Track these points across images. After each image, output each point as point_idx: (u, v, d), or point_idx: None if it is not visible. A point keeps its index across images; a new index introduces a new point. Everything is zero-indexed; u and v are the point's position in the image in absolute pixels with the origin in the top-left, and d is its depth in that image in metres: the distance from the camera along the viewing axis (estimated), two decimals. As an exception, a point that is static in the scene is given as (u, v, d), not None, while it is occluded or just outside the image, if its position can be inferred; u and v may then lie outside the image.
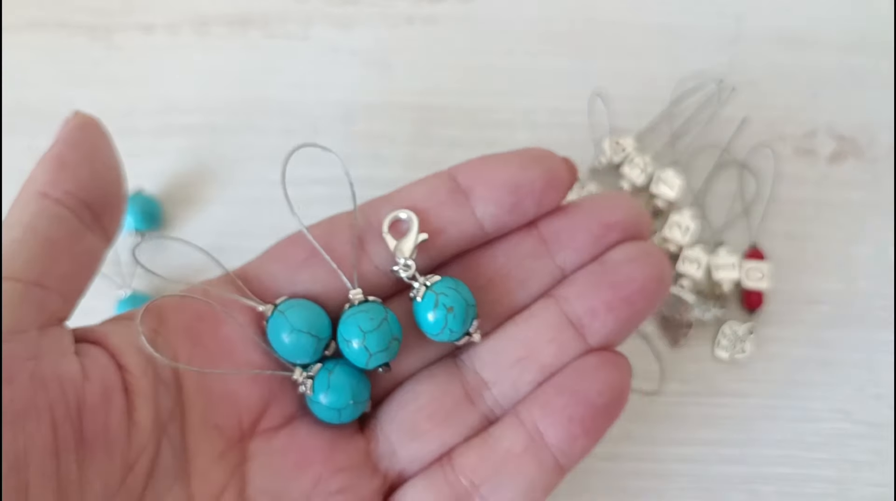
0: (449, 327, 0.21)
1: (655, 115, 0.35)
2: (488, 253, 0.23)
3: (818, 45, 0.36)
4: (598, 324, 0.21)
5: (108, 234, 0.20)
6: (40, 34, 0.36)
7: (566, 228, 0.22)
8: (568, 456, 0.21)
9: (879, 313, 0.32)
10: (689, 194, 0.34)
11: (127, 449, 0.18)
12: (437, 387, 0.22)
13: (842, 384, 0.31)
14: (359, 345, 0.21)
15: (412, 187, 0.23)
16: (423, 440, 0.22)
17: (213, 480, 0.20)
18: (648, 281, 0.21)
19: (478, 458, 0.21)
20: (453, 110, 0.35)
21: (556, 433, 0.21)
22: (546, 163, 0.22)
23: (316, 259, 0.22)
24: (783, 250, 0.33)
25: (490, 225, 0.22)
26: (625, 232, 0.22)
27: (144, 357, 0.19)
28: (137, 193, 0.33)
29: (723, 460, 0.30)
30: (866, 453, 0.30)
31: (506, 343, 0.22)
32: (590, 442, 0.21)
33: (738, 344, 0.31)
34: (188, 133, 0.34)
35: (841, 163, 0.34)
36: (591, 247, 0.22)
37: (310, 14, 0.37)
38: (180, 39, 0.36)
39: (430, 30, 0.36)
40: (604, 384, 0.21)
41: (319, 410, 0.22)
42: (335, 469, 0.21)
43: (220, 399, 0.21)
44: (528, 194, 0.22)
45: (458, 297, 0.21)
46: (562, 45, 0.36)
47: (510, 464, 0.21)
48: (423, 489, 0.21)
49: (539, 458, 0.21)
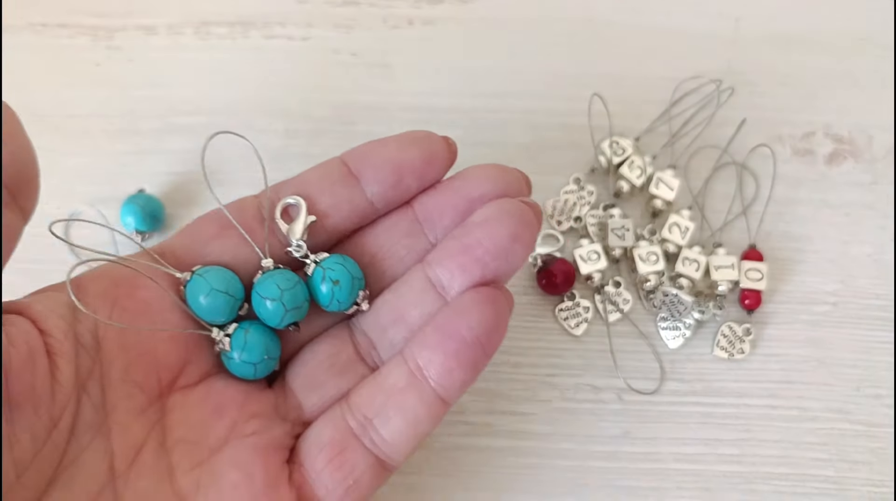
0: (336, 298, 0.24)
1: (655, 116, 0.35)
2: (372, 233, 0.25)
3: (817, 47, 0.37)
4: (455, 284, 0.23)
5: (25, 212, 0.21)
6: (41, 35, 0.36)
7: (437, 206, 0.25)
8: (447, 389, 0.23)
9: (878, 313, 0.32)
10: (689, 195, 0.34)
11: (51, 406, 0.20)
12: (333, 347, 0.25)
13: (840, 384, 0.31)
14: (276, 302, 0.23)
15: (309, 173, 0.25)
16: (323, 389, 0.24)
17: (133, 433, 0.22)
18: (500, 241, 0.23)
19: (368, 395, 0.23)
20: (453, 111, 0.35)
21: (434, 368, 0.22)
22: (425, 143, 0.24)
23: (226, 233, 0.24)
24: (782, 250, 0.33)
25: (379, 202, 0.25)
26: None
27: (65, 322, 0.21)
28: (139, 193, 0.33)
29: (722, 459, 0.30)
30: (865, 452, 0.30)
31: (382, 309, 0.25)
32: (467, 375, 0.23)
33: (737, 344, 0.31)
34: (189, 134, 0.34)
35: (839, 164, 0.35)
36: (458, 223, 0.24)
37: (310, 15, 0.37)
38: (181, 41, 0.36)
39: (429, 31, 0.37)
40: (475, 319, 0.22)
41: (235, 366, 0.24)
42: (249, 414, 0.23)
43: (140, 358, 0.22)
44: (410, 171, 0.24)
45: (345, 271, 0.24)
46: (561, 47, 0.36)
47: (395, 398, 0.23)
48: (324, 426, 0.24)
49: (420, 391, 0.23)
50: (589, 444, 0.30)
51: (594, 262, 0.32)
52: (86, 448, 0.21)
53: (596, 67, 0.36)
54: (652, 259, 0.32)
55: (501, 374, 0.31)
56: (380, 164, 0.24)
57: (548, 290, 0.32)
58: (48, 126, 0.34)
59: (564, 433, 0.30)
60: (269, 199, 0.24)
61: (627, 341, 0.32)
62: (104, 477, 0.21)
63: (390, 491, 0.29)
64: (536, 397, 0.31)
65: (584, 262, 0.32)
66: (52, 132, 0.34)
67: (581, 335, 0.32)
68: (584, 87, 0.34)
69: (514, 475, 0.30)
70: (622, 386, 0.31)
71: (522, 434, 0.30)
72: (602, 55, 0.36)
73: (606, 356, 0.31)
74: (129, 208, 0.32)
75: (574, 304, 0.32)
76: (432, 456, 0.30)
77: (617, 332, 0.32)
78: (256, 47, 0.36)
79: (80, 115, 0.35)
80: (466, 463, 0.30)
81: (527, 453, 0.30)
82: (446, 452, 0.30)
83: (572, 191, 0.34)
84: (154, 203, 0.33)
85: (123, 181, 0.33)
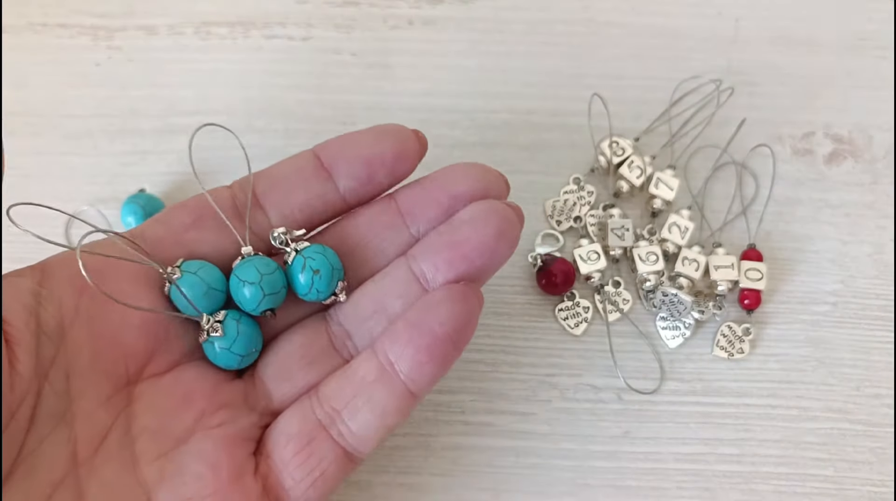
0: (316, 287, 0.24)
1: (655, 116, 0.35)
2: (353, 223, 0.26)
3: (816, 47, 0.37)
4: (440, 279, 0.24)
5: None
6: (41, 35, 0.36)
7: (419, 201, 0.25)
8: (417, 383, 0.23)
9: (878, 313, 0.32)
10: (688, 195, 0.34)
11: (10, 397, 0.20)
12: (307, 337, 0.25)
13: (840, 384, 0.31)
14: (255, 286, 0.23)
15: (282, 166, 0.25)
16: (293, 380, 0.24)
17: (98, 421, 0.22)
18: (486, 238, 0.23)
19: (338, 387, 0.24)
20: (453, 112, 0.35)
21: (404, 362, 0.23)
22: (396, 137, 0.25)
23: (203, 223, 0.24)
24: (781, 250, 0.33)
25: (351, 197, 0.25)
26: (473, 200, 0.24)
27: (27, 310, 0.21)
28: (139, 193, 0.33)
29: (721, 459, 0.30)
30: (865, 452, 0.30)
31: (363, 299, 0.25)
32: (437, 369, 0.23)
33: (737, 344, 0.31)
34: (189, 134, 0.34)
35: (839, 163, 0.35)
36: (441, 218, 0.25)
37: (310, 15, 0.37)
38: (182, 41, 0.36)
39: (429, 31, 0.37)
40: (446, 314, 0.23)
41: (221, 355, 0.24)
42: (218, 405, 0.24)
43: (107, 347, 0.22)
44: (381, 167, 0.24)
45: (325, 261, 0.24)
46: (561, 47, 0.36)
47: (365, 391, 0.23)
48: (292, 416, 0.24)
49: (390, 385, 0.23)
50: (589, 444, 0.30)
51: (594, 262, 0.32)
52: (47, 436, 0.21)
53: (596, 67, 0.36)
54: (651, 259, 0.32)
55: (501, 374, 0.31)
56: (352, 159, 0.24)
57: (548, 290, 0.32)
58: (48, 126, 0.34)
59: (564, 433, 0.30)
60: (251, 185, 0.25)
61: (627, 340, 0.32)
62: (67, 465, 0.21)
63: (390, 491, 0.29)
64: (536, 397, 0.31)
65: (583, 262, 0.32)
66: (52, 132, 0.34)
67: (581, 335, 0.32)
68: (584, 87, 0.35)
69: (514, 475, 0.30)
70: (622, 386, 0.31)
71: (522, 434, 0.30)
72: (602, 55, 0.36)
73: (606, 356, 0.31)
74: (130, 208, 0.32)
75: (574, 304, 0.32)
76: (432, 456, 0.30)
77: (617, 332, 0.32)
78: (256, 47, 0.36)
79: (80, 115, 0.35)
80: (466, 463, 0.30)
81: (527, 453, 0.30)
82: (446, 452, 0.30)
83: (572, 191, 0.34)
84: (155, 203, 0.33)
85: (124, 181, 0.33)
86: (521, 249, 0.33)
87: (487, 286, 0.32)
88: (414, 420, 0.30)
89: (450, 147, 0.34)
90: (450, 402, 0.30)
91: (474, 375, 0.31)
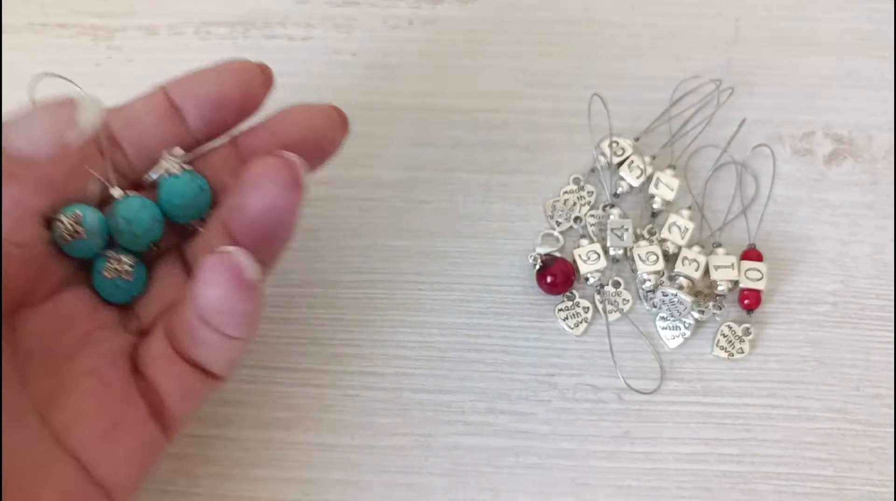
0: (190, 216, 0.26)
1: (654, 116, 0.35)
2: (203, 165, 0.27)
3: (816, 47, 0.37)
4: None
5: None
6: (41, 35, 0.36)
7: (257, 147, 0.27)
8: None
9: (878, 313, 0.32)
10: (688, 195, 0.34)
11: None
12: (168, 263, 0.26)
13: (840, 384, 0.31)
14: (141, 223, 0.25)
15: (135, 105, 0.26)
16: (157, 302, 0.26)
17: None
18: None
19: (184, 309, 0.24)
20: (453, 112, 0.35)
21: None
22: (245, 76, 0.26)
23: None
24: (781, 250, 0.33)
25: (200, 136, 0.27)
26: (306, 148, 0.26)
27: None
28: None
29: (721, 459, 0.30)
30: (865, 452, 0.30)
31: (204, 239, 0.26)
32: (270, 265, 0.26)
33: (737, 344, 0.31)
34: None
35: (839, 163, 0.35)
36: None
37: (310, 15, 0.37)
38: (182, 41, 0.36)
39: (429, 31, 0.37)
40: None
41: (117, 294, 0.25)
42: (98, 325, 0.25)
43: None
44: (229, 106, 0.26)
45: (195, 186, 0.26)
46: (561, 47, 0.36)
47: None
48: (156, 337, 0.24)
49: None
50: (589, 444, 0.30)
51: (594, 262, 0.32)
52: None
53: (596, 67, 0.36)
54: (651, 259, 0.32)
55: (501, 374, 0.31)
56: (202, 99, 0.26)
57: (547, 290, 0.32)
58: (48, 126, 0.34)
59: (564, 433, 0.30)
60: (106, 126, 0.25)
61: (627, 341, 0.32)
62: None
63: (390, 491, 0.29)
64: (536, 397, 0.31)
65: (583, 262, 0.32)
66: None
67: (581, 335, 0.32)
68: (584, 87, 0.35)
69: (514, 475, 0.30)
70: (622, 386, 0.31)
71: (522, 434, 0.30)
72: (602, 55, 0.36)
73: (606, 356, 0.31)
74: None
75: (574, 304, 0.32)
76: (432, 456, 0.30)
77: (617, 332, 0.32)
78: (257, 47, 0.36)
79: (80, 115, 0.35)
80: (466, 463, 0.30)
81: (527, 453, 0.30)
82: (446, 452, 0.30)
83: (572, 191, 0.34)
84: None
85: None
86: (521, 249, 0.33)
87: (487, 286, 0.32)
88: (414, 420, 0.30)
89: (450, 148, 0.34)
90: (450, 402, 0.30)
91: (474, 375, 0.31)
